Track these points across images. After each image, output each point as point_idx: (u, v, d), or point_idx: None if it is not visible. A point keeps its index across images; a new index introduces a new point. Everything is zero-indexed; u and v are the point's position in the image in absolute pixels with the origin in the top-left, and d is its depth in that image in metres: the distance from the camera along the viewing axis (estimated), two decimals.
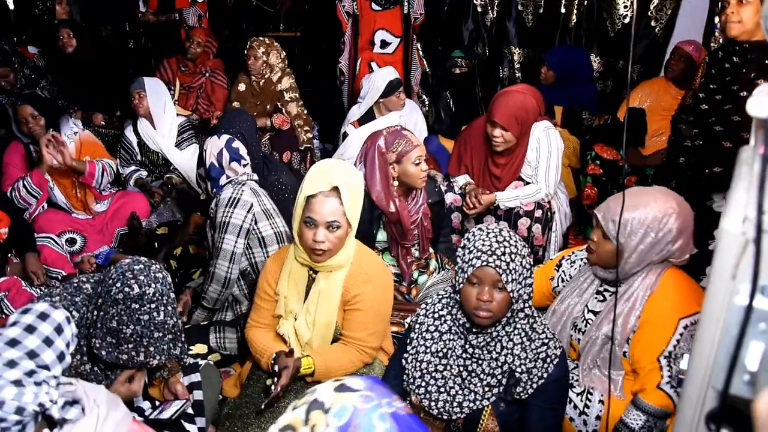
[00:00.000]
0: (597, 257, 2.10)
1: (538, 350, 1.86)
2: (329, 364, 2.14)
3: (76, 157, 3.48)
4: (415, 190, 2.89)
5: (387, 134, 2.82)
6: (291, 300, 2.22)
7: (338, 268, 2.16)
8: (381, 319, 2.24)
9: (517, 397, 1.85)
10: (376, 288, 2.18)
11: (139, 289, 1.79)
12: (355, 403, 1.03)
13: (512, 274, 1.80)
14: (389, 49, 4.82)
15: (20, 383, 1.16)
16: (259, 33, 5.79)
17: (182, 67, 4.67)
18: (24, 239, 3.11)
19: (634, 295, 2.04)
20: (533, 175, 3.18)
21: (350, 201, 2.08)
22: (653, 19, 4.51)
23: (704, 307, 0.94)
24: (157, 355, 1.87)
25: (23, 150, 3.42)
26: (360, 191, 2.15)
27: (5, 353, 1.19)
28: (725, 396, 0.78)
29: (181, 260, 3.19)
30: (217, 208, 2.61)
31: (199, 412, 2.11)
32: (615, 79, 4.81)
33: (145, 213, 3.67)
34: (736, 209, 0.84)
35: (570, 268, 2.35)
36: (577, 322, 2.19)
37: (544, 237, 3.19)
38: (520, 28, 4.95)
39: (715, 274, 0.89)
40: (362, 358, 2.19)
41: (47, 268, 3.11)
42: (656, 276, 2.03)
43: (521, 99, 3.04)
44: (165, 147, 3.96)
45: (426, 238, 2.98)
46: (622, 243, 1.99)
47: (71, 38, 4.30)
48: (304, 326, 2.20)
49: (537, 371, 1.84)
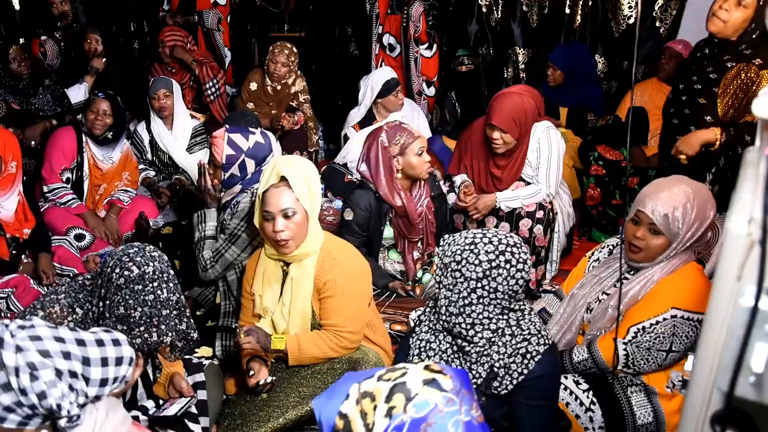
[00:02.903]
0: (646, 254, 2.08)
1: (518, 345, 1.83)
2: (303, 345, 2.18)
3: (116, 166, 3.69)
4: (419, 183, 2.92)
5: (388, 129, 2.88)
6: (266, 298, 2.27)
7: (307, 257, 2.21)
8: (356, 302, 2.25)
9: (495, 392, 1.84)
10: (346, 272, 2.21)
11: (138, 269, 1.81)
12: (437, 402, 1.07)
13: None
14: (394, 53, 4.86)
15: (60, 375, 1.18)
16: (264, 33, 5.82)
17: (170, 68, 4.64)
18: (41, 240, 3.15)
19: (651, 277, 2.09)
20: (534, 175, 3.18)
21: (302, 188, 2.14)
22: (658, 20, 4.51)
23: (709, 309, 0.93)
24: (169, 332, 1.88)
25: (75, 136, 3.52)
26: (313, 178, 2.22)
27: (69, 345, 1.22)
28: (730, 397, 0.78)
29: (185, 260, 3.19)
30: (233, 216, 2.60)
31: (203, 411, 2.12)
32: (619, 79, 4.80)
33: (153, 215, 3.69)
34: (742, 210, 0.84)
35: (600, 253, 2.36)
36: (590, 304, 2.22)
37: (546, 238, 3.19)
38: (524, 29, 4.94)
39: (720, 275, 0.89)
40: (340, 342, 2.20)
41: (59, 267, 3.14)
42: (678, 264, 2.07)
43: (519, 101, 3.03)
44: (176, 149, 3.97)
45: (430, 231, 3.01)
46: (674, 235, 2.01)
47: (98, 44, 4.33)
48: (280, 317, 2.25)
49: (516, 366, 1.82)
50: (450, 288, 1.83)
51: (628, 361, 2.06)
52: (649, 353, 2.04)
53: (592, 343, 2.13)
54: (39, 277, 2.99)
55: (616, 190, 3.82)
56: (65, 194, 3.50)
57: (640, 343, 2.04)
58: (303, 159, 2.31)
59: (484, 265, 1.78)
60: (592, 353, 2.12)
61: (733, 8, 2.63)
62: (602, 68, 4.83)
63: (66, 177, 3.54)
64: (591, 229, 3.96)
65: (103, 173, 3.65)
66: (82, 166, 3.56)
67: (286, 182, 2.14)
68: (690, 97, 2.92)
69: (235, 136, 2.63)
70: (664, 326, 2.01)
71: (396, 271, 3.12)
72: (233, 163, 2.61)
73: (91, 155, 3.59)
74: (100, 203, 3.66)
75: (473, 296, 1.80)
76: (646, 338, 2.03)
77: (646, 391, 2.11)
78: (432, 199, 3.03)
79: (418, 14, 4.76)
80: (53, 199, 3.49)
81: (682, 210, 1.99)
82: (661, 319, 2.02)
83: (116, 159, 3.69)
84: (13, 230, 3.06)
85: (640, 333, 2.04)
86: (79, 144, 3.54)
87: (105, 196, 3.68)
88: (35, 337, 1.21)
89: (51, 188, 3.49)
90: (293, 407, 2.09)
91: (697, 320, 2.00)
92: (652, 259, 2.09)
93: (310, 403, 2.09)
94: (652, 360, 2.05)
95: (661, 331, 2.01)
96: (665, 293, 2.04)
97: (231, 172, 2.63)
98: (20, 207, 3.11)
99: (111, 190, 3.69)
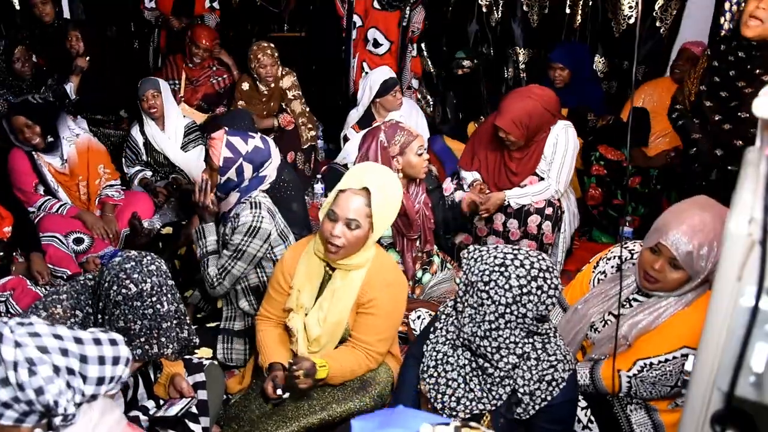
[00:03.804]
0: (662, 286, 1.97)
1: (545, 372, 1.76)
2: (343, 367, 2.14)
3: (78, 162, 3.53)
4: (416, 181, 2.92)
5: (386, 129, 2.87)
6: (304, 294, 2.22)
7: (355, 269, 2.16)
8: (392, 326, 2.23)
9: (518, 417, 1.79)
10: (393, 295, 2.18)
11: (136, 287, 1.79)
12: None
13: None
14: (380, 50, 4.84)
15: (58, 372, 1.19)
16: (264, 33, 5.82)
17: (188, 63, 4.66)
18: (28, 239, 3.11)
19: (667, 310, 1.99)
20: (546, 170, 3.18)
21: (379, 205, 2.07)
22: (658, 20, 4.51)
23: (709, 308, 0.93)
24: (169, 344, 1.87)
25: (26, 155, 3.39)
26: (394, 200, 2.15)
27: (66, 343, 1.23)
28: (731, 397, 0.78)
29: (185, 260, 3.20)
30: (234, 232, 2.53)
31: (204, 411, 2.11)
32: (620, 79, 4.80)
33: (149, 213, 3.67)
34: (742, 210, 0.84)
35: (606, 265, 2.24)
36: (595, 323, 2.14)
37: (553, 235, 3.19)
38: (525, 29, 4.95)
39: (721, 275, 0.89)
40: (369, 363, 2.19)
41: (52, 267, 3.12)
42: (694, 297, 1.97)
43: (525, 105, 3.03)
44: (170, 149, 3.96)
45: (428, 228, 3.01)
46: (696, 272, 1.89)
47: (79, 42, 4.30)
48: (315, 323, 2.20)
49: (541, 393, 1.76)
50: (475, 307, 1.75)
51: (631, 392, 2.01)
52: (654, 387, 1.98)
53: (595, 370, 2.07)
54: (34, 277, 2.97)
55: (618, 190, 3.82)
56: (53, 204, 3.42)
57: (645, 378, 1.97)
58: (395, 178, 2.23)
59: (515, 290, 1.68)
60: (594, 381, 2.06)
61: (764, 6, 2.53)
62: (602, 68, 4.83)
63: (42, 190, 3.44)
64: (591, 228, 3.96)
65: (70, 173, 3.53)
66: (46, 180, 3.45)
67: (366, 192, 2.07)
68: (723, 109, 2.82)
69: (234, 139, 2.54)
70: (674, 364, 1.93)
71: None
72: (230, 166, 2.51)
73: (48, 166, 3.46)
74: (91, 204, 3.60)
75: (500, 321, 1.71)
76: (652, 374, 1.96)
77: (646, 408, 2.06)
78: (428, 194, 3.03)
79: (421, 19, 4.78)
80: (45, 212, 3.39)
81: (708, 248, 1.83)
82: (671, 357, 1.93)
83: (71, 154, 3.53)
84: None
85: (646, 368, 1.96)
86: (32, 160, 3.41)
87: (93, 196, 3.60)
88: (34, 333, 1.21)
89: (37, 205, 3.40)
90: (302, 418, 2.08)
91: None
92: (667, 291, 1.99)
93: (319, 414, 2.08)
94: (656, 393, 1.99)
95: (670, 369, 1.94)
96: (679, 330, 1.94)
97: (228, 176, 2.53)
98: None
99: (94, 188, 3.60)
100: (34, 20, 4.47)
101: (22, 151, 3.39)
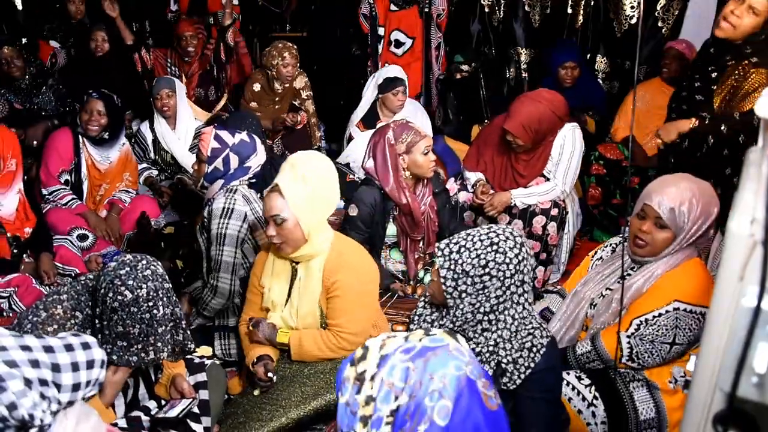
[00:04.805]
0: (652, 248, 2.10)
1: (524, 340, 1.83)
2: (304, 342, 2.21)
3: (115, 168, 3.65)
4: (422, 182, 2.94)
5: (395, 127, 2.91)
6: (275, 292, 2.29)
7: (313, 257, 2.22)
8: (361, 304, 2.26)
9: (504, 387, 1.84)
10: (354, 273, 2.23)
11: (131, 294, 1.79)
12: (450, 343, 1.24)
13: (450, 263, 1.80)
14: (401, 50, 4.84)
15: (30, 384, 1.16)
16: (266, 33, 5.81)
17: (185, 58, 4.62)
18: (43, 240, 3.15)
19: (655, 272, 2.11)
20: (552, 170, 3.18)
21: (295, 193, 2.14)
22: (660, 20, 4.50)
23: (711, 309, 0.93)
24: (165, 348, 1.88)
25: (72, 138, 3.48)
26: (317, 179, 2.19)
27: (36, 353, 1.20)
28: (733, 398, 0.78)
29: (187, 259, 3.20)
30: (211, 219, 2.59)
31: (205, 411, 2.11)
32: (621, 79, 4.79)
33: (155, 215, 3.69)
34: (744, 211, 0.84)
35: (603, 252, 2.39)
36: (594, 300, 2.23)
37: (558, 236, 3.19)
38: (527, 29, 4.94)
39: (723, 275, 0.89)
40: (339, 343, 2.21)
41: (61, 267, 3.14)
42: (681, 259, 2.09)
43: (535, 109, 3.04)
44: (178, 149, 3.97)
45: (432, 230, 3.03)
46: (679, 229, 2.03)
47: (105, 42, 4.30)
48: (289, 316, 2.28)
49: (523, 360, 1.83)
50: (475, 293, 1.80)
51: (632, 354, 2.07)
52: (653, 346, 2.04)
53: (596, 337, 2.15)
54: (40, 276, 2.99)
55: (617, 190, 3.82)
56: (65, 195, 3.49)
57: (643, 335, 2.05)
58: (315, 158, 2.30)
59: (513, 261, 1.78)
60: (595, 346, 2.13)
61: (745, 14, 2.61)
62: (604, 68, 4.82)
63: (65, 179, 3.53)
64: (593, 229, 3.96)
65: (102, 174, 3.63)
66: (80, 168, 3.54)
67: (277, 188, 2.18)
68: (689, 93, 2.93)
69: (222, 132, 2.67)
70: (667, 318, 2.02)
71: (398, 271, 3.12)
72: (218, 156, 2.62)
73: (88, 156, 3.55)
74: (101, 204, 3.65)
75: (507, 293, 1.80)
76: (648, 330, 2.04)
77: (648, 386, 2.12)
78: (434, 196, 3.04)
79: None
80: (54, 201, 3.48)
81: (688, 205, 2.01)
82: (664, 311, 2.03)
83: (114, 159, 3.65)
84: (14, 229, 3.07)
85: (642, 325, 2.05)
86: (75, 145, 3.51)
87: (106, 197, 3.66)
88: (0, 347, 1.18)
89: (50, 191, 3.48)
90: (296, 406, 2.09)
91: (699, 313, 2.01)
92: (656, 254, 2.10)
93: (312, 402, 2.09)
94: (656, 353, 2.05)
95: (664, 323, 2.03)
96: (668, 286, 2.06)
97: (215, 165, 2.63)
98: (21, 206, 3.11)
99: (112, 190, 3.68)
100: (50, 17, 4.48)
101: (71, 134, 3.47)
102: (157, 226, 3.61)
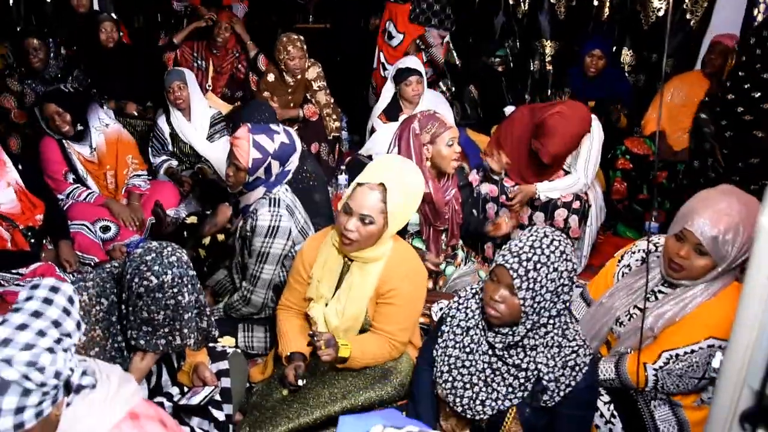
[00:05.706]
0: (687, 274, 1.92)
1: (567, 358, 1.79)
2: (365, 351, 2.15)
3: (107, 152, 3.57)
4: (447, 174, 2.93)
5: (421, 117, 2.91)
6: (323, 284, 2.23)
7: (372, 261, 2.16)
8: (412, 315, 2.24)
9: (544, 404, 1.81)
10: (413, 285, 2.18)
11: (157, 279, 1.81)
12: None
13: (528, 282, 1.71)
14: (393, 42, 4.84)
15: (52, 350, 1.20)
16: (289, 25, 5.84)
17: (213, 50, 4.70)
18: (58, 226, 3.16)
19: (693, 300, 1.95)
20: (572, 163, 3.16)
21: (395, 203, 2.05)
22: (688, 12, 4.42)
23: (740, 305, 0.92)
24: (191, 334, 1.90)
25: (57, 145, 3.44)
26: (413, 197, 2.14)
27: (33, 324, 1.23)
28: (762, 395, 0.77)
29: (209, 249, 3.22)
30: (254, 235, 2.52)
31: (227, 399, 2.14)
32: (647, 72, 4.73)
33: (175, 203, 3.71)
34: None
35: (631, 259, 2.19)
36: (620, 317, 2.11)
37: (580, 229, 3.16)
38: (552, 21, 4.90)
39: (752, 272, 0.87)
40: (392, 351, 2.19)
41: (81, 255, 3.16)
42: (720, 287, 1.93)
43: (570, 140, 3.04)
44: (196, 139, 4.00)
45: (456, 222, 3.02)
46: (722, 258, 1.85)
47: (114, 32, 4.32)
48: (333, 314, 2.21)
49: (565, 379, 1.78)
50: (531, 303, 1.73)
51: (657, 385, 1.98)
52: (680, 380, 1.94)
53: (621, 364, 2.04)
54: (62, 265, 3.02)
55: (644, 185, 3.77)
56: (82, 192, 3.47)
57: (671, 370, 1.94)
58: (415, 174, 2.19)
59: (562, 266, 1.72)
60: (619, 375, 2.03)
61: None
62: (630, 61, 4.76)
63: (71, 178, 3.49)
64: (616, 223, 3.92)
65: (98, 163, 3.57)
66: (75, 167, 3.50)
67: (382, 188, 2.06)
68: (744, 101, 2.80)
69: (261, 137, 2.48)
70: (700, 355, 1.90)
71: None
72: (259, 166, 2.48)
73: (77, 154, 3.50)
74: (118, 193, 3.63)
75: (557, 291, 1.74)
76: (678, 366, 1.93)
77: (670, 404, 2.03)
78: (459, 190, 3.03)
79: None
80: (74, 200, 3.44)
81: (733, 233, 1.80)
82: (697, 348, 1.90)
83: (100, 142, 3.56)
84: (25, 220, 3.05)
85: (672, 360, 1.93)
86: (62, 148, 3.45)
87: (120, 186, 3.64)
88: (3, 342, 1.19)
89: (66, 193, 3.44)
90: (323, 406, 2.08)
91: None
92: (692, 279, 1.94)
93: (339, 403, 2.09)
94: (683, 386, 1.95)
95: (696, 360, 1.90)
96: (704, 320, 1.91)
97: (257, 175, 2.52)
98: (21, 195, 3.06)
99: (122, 178, 3.64)
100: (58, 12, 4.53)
101: (53, 140, 3.43)
102: (176, 215, 3.63)
